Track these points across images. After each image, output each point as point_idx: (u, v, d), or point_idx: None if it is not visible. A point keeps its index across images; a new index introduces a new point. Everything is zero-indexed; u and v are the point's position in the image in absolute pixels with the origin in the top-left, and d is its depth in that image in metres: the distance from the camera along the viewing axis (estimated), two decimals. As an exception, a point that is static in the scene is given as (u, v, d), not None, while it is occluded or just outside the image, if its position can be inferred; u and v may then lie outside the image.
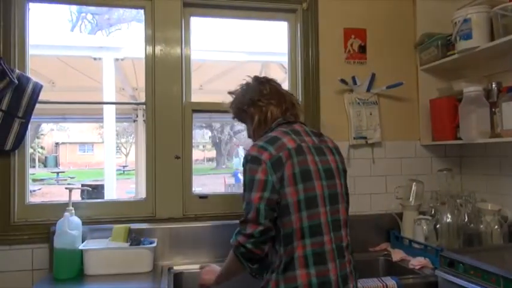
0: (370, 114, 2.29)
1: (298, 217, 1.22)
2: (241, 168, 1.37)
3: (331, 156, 1.36)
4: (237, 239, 1.25)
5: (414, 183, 2.22)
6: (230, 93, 1.60)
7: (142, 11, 2.15)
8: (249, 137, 1.53)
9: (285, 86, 2.38)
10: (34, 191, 10.51)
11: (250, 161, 1.27)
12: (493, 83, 1.97)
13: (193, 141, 2.17)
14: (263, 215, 1.21)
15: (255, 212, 1.21)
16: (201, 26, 2.59)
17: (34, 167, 18.34)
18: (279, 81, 1.57)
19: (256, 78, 1.55)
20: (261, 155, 1.25)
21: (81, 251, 1.82)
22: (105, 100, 4.38)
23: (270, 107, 1.42)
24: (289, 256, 1.22)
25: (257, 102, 1.44)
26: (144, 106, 2.15)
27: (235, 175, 11.98)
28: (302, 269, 1.20)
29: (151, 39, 2.11)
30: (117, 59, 4.25)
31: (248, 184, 1.26)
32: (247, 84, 1.55)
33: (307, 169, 1.26)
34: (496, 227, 1.89)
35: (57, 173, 15.40)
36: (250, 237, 1.22)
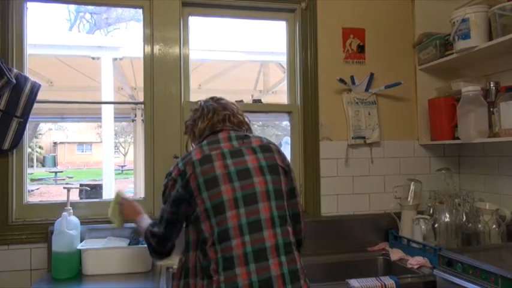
0: (369, 114, 2.29)
1: (208, 225, 1.24)
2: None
3: (252, 156, 1.32)
4: (147, 234, 1.49)
5: (412, 182, 2.23)
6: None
7: (140, 11, 2.15)
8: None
9: (284, 85, 2.39)
10: (32, 190, 10.50)
11: (166, 176, 1.41)
12: (491, 82, 1.97)
13: (191, 140, 2.17)
14: (164, 225, 1.42)
15: (161, 221, 1.43)
16: (200, 26, 2.59)
17: (32, 166, 18.31)
18: (278, 80, 1.63)
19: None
20: (173, 171, 1.37)
21: (80, 250, 1.82)
22: (103, 100, 4.37)
23: (197, 126, 1.48)
24: (206, 262, 1.23)
25: (188, 125, 1.55)
26: (143, 106, 2.15)
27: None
28: (215, 275, 1.19)
29: (149, 39, 2.11)
30: (115, 59, 4.24)
31: (162, 196, 1.43)
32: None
33: (213, 176, 1.27)
34: (494, 226, 1.89)
35: (56, 172, 15.38)
36: (153, 235, 1.46)
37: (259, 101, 2.43)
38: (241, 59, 4.46)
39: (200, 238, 1.27)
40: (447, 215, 1.95)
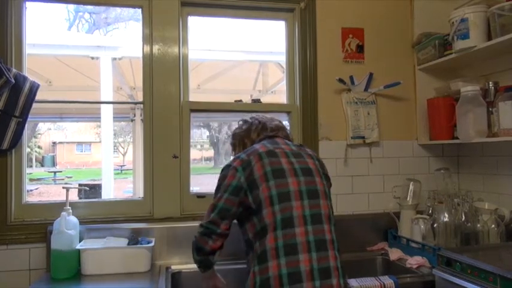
0: (368, 113, 2.29)
1: (271, 211, 1.29)
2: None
3: (310, 160, 1.45)
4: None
5: (412, 182, 2.23)
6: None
7: (140, 10, 2.14)
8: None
9: (283, 85, 2.39)
10: (31, 190, 10.48)
11: (222, 170, 1.43)
12: (490, 82, 1.97)
13: (191, 140, 2.17)
14: (216, 212, 1.38)
15: (211, 208, 1.40)
16: (199, 26, 2.59)
17: (31, 166, 18.28)
18: (277, 80, 1.68)
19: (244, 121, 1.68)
20: (233, 163, 1.41)
21: (79, 250, 1.82)
22: (102, 99, 4.37)
23: (249, 135, 1.58)
24: (262, 248, 1.27)
25: (237, 134, 1.64)
26: (142, 105, 2.15)
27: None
28: (273, 260, 1.25)
29: (149, 39, 2.11)
30: (114, 58, 4.24)
31: (216, 189, 1.43)
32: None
33: (280, 168, 1.36)
34: (493, 226, 1.89)
35: (55, 172, 15.35)
36: (200, 227, 1.41)
37: (259, 100, 2.43)
38: (241, 58, 4.46)
39: (258, 229, 1.30)
40: (446, 215, 1.95)
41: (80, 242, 1.88)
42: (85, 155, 22.90)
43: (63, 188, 1.96)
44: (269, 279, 1.23)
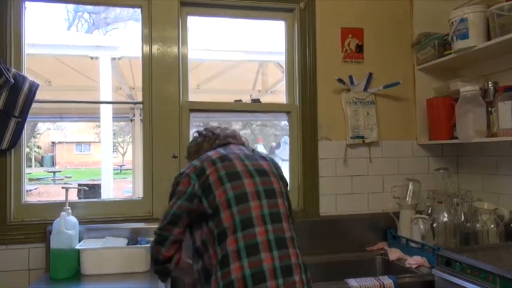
0: (367, 113, 2.29)
1: (229, 213, 1.28)
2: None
3: (264, 162, 1.45)
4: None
5: (411, 182, 2.23)
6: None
7: (139, 10, 2.14)
8: None
9: (283, 85, 2.40)
10: (30, 190, 10.47)
11: (176, 177, 1.41)
12: (490, 82, 1.98)
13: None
14: (168, 219, 1.36)
15: (164, 215, 1.38)
16: (198, 25, 2.59)
17: (30, 166, 18.25)
18: (276, 80, 1.66)
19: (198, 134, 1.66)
20: (186, 170, 1.39)
21: (78, 250, 1.82)
22: (102, 99, 4.37)
23: (202, 147, 1.55)
24: (223, 252, 1.25)
25: (193, 147, 1.62)
26: (141, 105, 2.15)
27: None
28: (235, 262, 1.23)
29: (148, 39, 2.11)
30: (114, 58, 4.23)
31: (169, 197, 1.40)
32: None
33: (234, 171, 1.35)
34: (492, 226, 1.89)
35: (54, 172, 15.33)
36: (154, 234, 1.40)
37: (258, 100, 2.43)
38: (240, 58, 4.46)
39: (215, 233, 1.28)
40: (445, 215, 1.96)
41: (79, 242, 1.88)
42: (84, 155, 22.87)
43: (63, 188, 1.96)
44: (232, 283, 1.20)
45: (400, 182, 2.29)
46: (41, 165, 20.53)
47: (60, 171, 16.54)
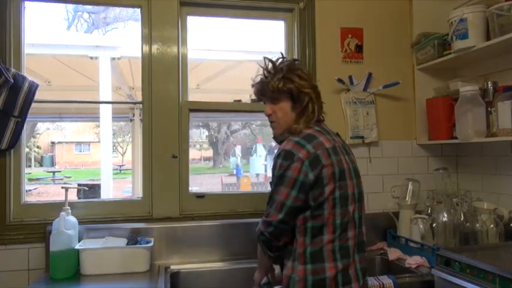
0: (367, 113, 2.29)
1: (331, 213, 1.27)
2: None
3: (353, 156, 1.43)
4: (259, 227, 1.33)
5: (410, 182, 2.23)
6: (271, 61, 1.45)
7: (139, 10, 2.14)
8: (273, 122, 1.45)
9: (282, 85, 2.38)
10: (30, 190, 10.46)
11: (283, 156, 1.28)
12: (489, 82, 1.98)
13: (190, 140, 2.17)
14: (285, 210, 1.27)
15: (280, 206, 1.28)
16: (198, 25, 2.59)
17: (30, 166, 18.25)
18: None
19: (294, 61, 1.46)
20: (298, 152, 1.26)
21: (78, 250, 1.82)
22: (101, 99, 4.37)
23: (314, 98, 1.40)
24: (316, 248, 1.27)
25: (305, 90, 1.38)
26: (141, 105, 2.15)
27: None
28: (331, 262, 1.26)
29: (148, 38, 2.11)
30: (113, 58, 4.23)
31: (278, 179, 1.28)
32: (291, 62, 1.44)
33: (343, 168, 1.31)
34: (492, 225, 1.90)
35: (53, 172, 15.32)
36: (269, 225, 1.29)
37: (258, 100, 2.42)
38: (240, 58, 4.46)
39: (310, 225, 1.27)
40: (445, 215, 1.96)
41: (79, 242, 1.88)
42: (84, 155, 22.87)
43: (62, 187, 1.96)
44: (325, 280, 1.25)
45: (400, 182, 2.29)
46: (41, 165, 20.52)
47: (59, 171, 16.53)
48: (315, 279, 1.25)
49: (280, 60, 1.45)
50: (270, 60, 1.44)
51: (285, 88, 1.37)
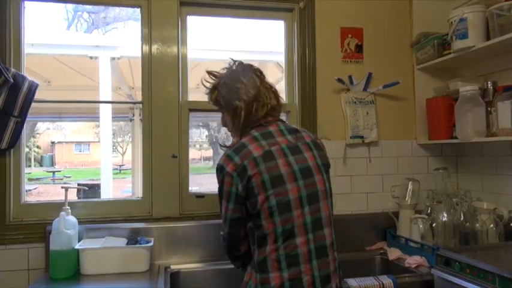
0: (367, 113, 2.29)
1: (270, 222, 1.23)
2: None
3: (309, 153, 1.33)
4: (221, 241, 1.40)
5: (410, 182, 2.23)
6: (210, 73, 1.49)
7: (138, 10, 2.14)
8: (229, 130, 1.48)
9: (282, 85, 2.39)
10: (30, 190, 10.46)
11: (217, 170, 1.32)
12: (489, 82, 1.98)
13: (190, 140, 2.17)
14: (228, 223, 1.32)
15: (224, 219, 1.33)
16: (198, 25, 2.59)
17: (30, 166, 18.24)
18: (276, 80, 1.55)
19: (241, 65, 1.47)
20: (226, 166, 1.28)
21: (78, 250, 1.82)
22: (101, 99, 4.37)
23: (244, 109, 1.35)
24: (262, 257, 1.24)
25: (233, 97, 1.37)
26: (141, 105, 2.15)
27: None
28: (275, 272, 1.22)
29: (147, 38, 2.11)
30: (113, 58, 4.24)
31: (219, 192, 1.33)
32: (231, 70, 1.46)
33: (278, 174, 1.25)
34: (492, 225, 1.90)
35: (53, 172, 15.32)
36: (224, 239, 1.38)
37: (258, 100, 2.42)
38: (240, 58, 4.45)
39: (256, 234, 1.27)
40: (445, 215, 1.96)
41: (78, 241, 1.88)
42: (84, 155, 22.87)
43: (62, 187, 1.96)
44: None
45: (400, 181, 2.29)
46: (41, 165, 20.52)
47: (59, 171, 16.53)
48: None
49: (226, 67, 1.48)
50: (209, 72, 1.49)
51: (216, 100, 1.45)
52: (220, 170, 1.30)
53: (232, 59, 1.49)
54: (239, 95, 1.36)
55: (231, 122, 1.41)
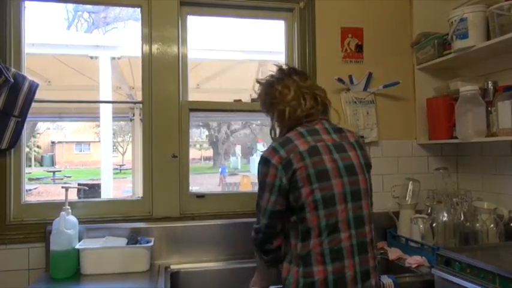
0: (367, 113, 2.29)
1: (315, 215, 1.26)
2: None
3: (353, 152, 1.37)
4: (252, 233, 1.40)
5: (411, 182, 2.23)
6: (258, 82, 1.60)
7: (139, 10, 2.14)
8: (270, 132, 1.54)
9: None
10: (30, 190, 10.47)
11: (262, 162, 1.35)
12: (489, 82, 1.97)
13: (190, 140, 2.17)
14: (267, 215, 1.33)
15: (263, 211, 1.34)
16: (198, 25, 2.59)
17: (30, 166, 18.25)
18: None
19: (280, 72, 1.53)
20: (272, 158, 1.31)
21: (78, 250, 1.82)
22: (101, 99, 4.37)
23: (288, 106, 1.41)
24: (306, 251, 1.26)
25: (273, 102, 1.46)
26: (141, 105, 2.15)
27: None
28: (319, 265, 1.25)
29: (148, 38, 2.11)
30: (113, 58, 4.24)
31: (260, 185, 1.35)
32: (272, 76, 1.54)
33: (324, 169, 1.28)
34: (492, 225, 1.89)
35: (54, 172, 15.32)
36: (258, 231, 1.37)
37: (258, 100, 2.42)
38: (240, 58, 4.46)
39: (299, 228, 1.28)
40: (445, 214, 1.96)
41: (79, 241, 1.88)
42: (84, 155, 22.88)
43: (62, 187, 1.96)
44: (314, 284, 1.24)
45: (400, 181, 2.29)
46: (41, 165, 20.53)
47: (59, 171, 16.53)
48: (305, 282, 1.25)
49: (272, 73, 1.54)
50: (257, 80, 1.59)
51: (264, 105, 1.54)
52: (264, 162, 1.33)
53: (276, 65, 1.56)
54: (279, 100, 1.43)
55: (276, 126, 1.48)
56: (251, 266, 1.92)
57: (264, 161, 1.33)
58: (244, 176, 11.78)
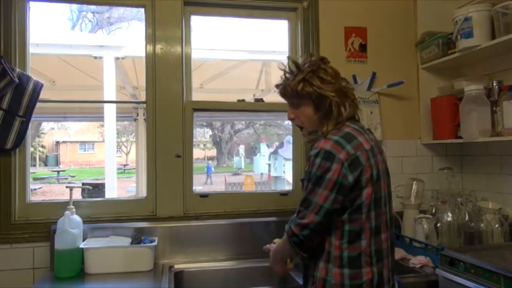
0: (371, 113, 2.29)
1: (368, 216, 1.25)
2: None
3: (384, 155, 1.38)
4: (292, 228, 1.26)
5: (415, 182, 2.22)
6: (294, 62, 1.39)
7: (142, 10, 2.15)
8: (306, 126, 1.39)
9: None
10: (35, 189, 10.54)
11: (323, 156, 1.21)
12: (494, 81, 1.97)
13: (193, 140, 2.17)
14: (323, 213, 1.21)
15: (317, 208, 1.21)
16: (202, 25, 2.59)
17: (35, 165, 18.36)
18: (277, 80, 1.46)
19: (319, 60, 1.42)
20: (338, 153, 1.20)
21: (82, 249, 1.83)
22: (105, 99, 4.37)
23: (338, 101, 1.31)
24: (356, 252, 1.24)
25: (326, 93, 1.31)
26: (145, 105, 2.15)
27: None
28: (368, 266, 1.24)
29: (151, 38, 2.11)
30: (117, 58, 4.24)
31: (317, 179, 1.22)
32: (315, 62, 1.40)
33: (379, 170, 1.28)
34: (497, 225, 1.89)
35: (58, 171, 15.42)
36: (305, 227, 1.23)
37: (261, 100, 2.43)
38: (243, 58, 4.45)
39: (347, 229, 1.24)
40: (449, 215, 1.95)
41: (83, 241, 1.89)
42: (88, 155, 22.98)
43: (67, 187, 1.97)
44: (362, 285, 1.23)
45: (404, 181, 2.28)
46: (45, 165, 20.65)
47: (64, 171, 16.63)
48: (352, 284, 1.22)
49: (305, 60, 1.39)
50: (293, 61, 1.38)
51: (303, 92, 1.32)
52: (327, 156, 1.21)
53: (305, 56, 1.44)
54: (333, 86, 1.33)
55: (317, 115, 1.32)
56: (255, 265, 1.93)
57: (327, 155, 1.20)
58: (247, 175, 11.80)
